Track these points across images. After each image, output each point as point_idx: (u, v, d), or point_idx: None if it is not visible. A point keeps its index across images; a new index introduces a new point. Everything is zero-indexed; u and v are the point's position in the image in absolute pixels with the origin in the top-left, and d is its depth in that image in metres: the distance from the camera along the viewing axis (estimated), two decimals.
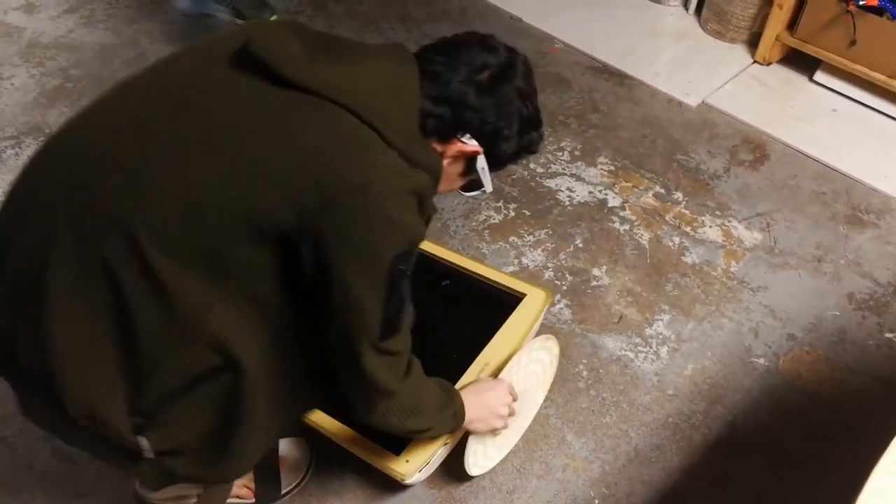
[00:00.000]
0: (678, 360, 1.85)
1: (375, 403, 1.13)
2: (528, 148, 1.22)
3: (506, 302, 1.69)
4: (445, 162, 1.15)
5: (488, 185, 1.24)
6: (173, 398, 1.04)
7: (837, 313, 1.97)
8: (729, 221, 2.17)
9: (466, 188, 1.26)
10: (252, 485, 1.54)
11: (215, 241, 0.98)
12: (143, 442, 1.06)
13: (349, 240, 0.99)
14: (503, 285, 1.72)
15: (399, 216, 1.02)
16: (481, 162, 1.18)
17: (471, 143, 1.14)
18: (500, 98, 1.13)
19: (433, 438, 1.42)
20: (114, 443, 1.05)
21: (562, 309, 1.92)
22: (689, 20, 2.89)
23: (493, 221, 2.12)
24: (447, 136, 1.13)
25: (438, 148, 1.14)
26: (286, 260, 1.01)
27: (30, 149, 2.21)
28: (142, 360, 1.01)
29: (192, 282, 0.99)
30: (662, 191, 2.24)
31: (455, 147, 1.14)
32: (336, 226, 0.98)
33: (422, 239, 1.08)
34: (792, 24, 2.59)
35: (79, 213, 0.99)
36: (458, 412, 1.33)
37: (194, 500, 1.31)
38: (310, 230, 0.98)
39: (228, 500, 1.48)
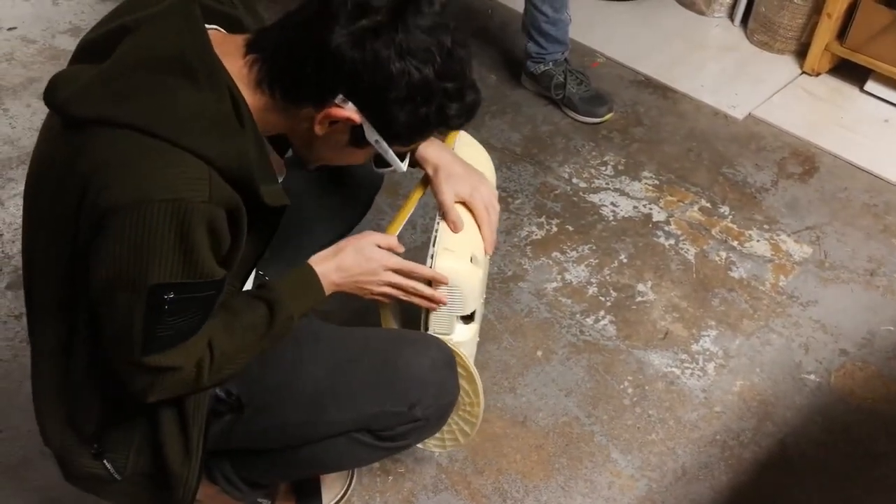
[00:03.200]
0: (726, 377, 1.81)
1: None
2: (444, 121, 1.02)
3: None
4: (319, 128, 1.01)
5: (397, 164, 1.07)
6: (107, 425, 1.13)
7: (892, 328, 1.92)
8: (777, 235, 2.13)
9: (378, 163, 1.09)
10: (293, 498, 1.55)
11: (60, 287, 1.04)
12: (109, 466, 1.15)
13: (107, 259, 0.93)
14: None
15: (163, 248, 0.91)
16: (371, 133, 1.01)
17: (347, 108, 0.98)
18: (369, 55, 0.93)
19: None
20: (85, 467, 1.16)
21: (606, 325, 1.91)
22: (735, 32, 2.85)
23: (535, 237, 2.11)
24: (319, 98, 0.98)
25: (313, 112, 0.99)
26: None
27: None
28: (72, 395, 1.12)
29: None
30: (708, 205, 2.21)
31: (327, 110, 0.98)
32: (99, 248, 0.93)
33: (211, 269, 0.97)
34: (841, 34, 2.54)
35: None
36: (294, 304, 1.13)
37: None
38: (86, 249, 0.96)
39: None
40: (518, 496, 1.60)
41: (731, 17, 2.88)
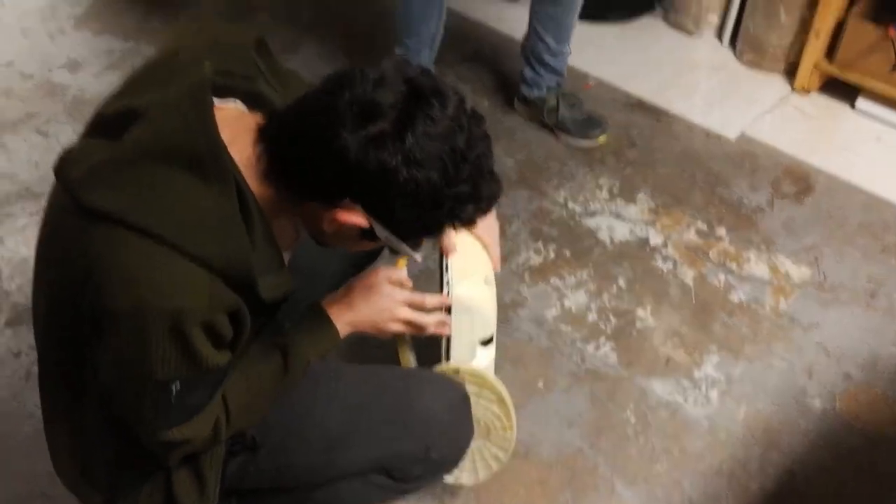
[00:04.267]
0: (729, 404, 1.79)
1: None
2: (457, 220, 0.99)
3: None
4: (327, 226, 0.99)
5: (412, 255, 1.06)
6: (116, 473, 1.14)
7: (894, 349, 1.90)
8: (775, 257, 2.12)
9: (394, 250, 1.06)
10: None
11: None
12: None
13: (111, 360, 0.96)
14: None
15: (163, 353, 0.92)
16: (382, 231, 0.99)
17: (355, 211, 0.95)
18: (373, 163, 0.90)
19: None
20: None
21: (607, 352, 1.88)
22: (724, 51, 2.85)
23: (532, 263, 2.09)
24: (326, 199, 0.96)
25: (321, 210, 0.98)
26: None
27: None
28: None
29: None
30: (705, 227, 2.20)
31: (334, 213, 0.96)
32: (102, 345, 0.95)
33: (216, 361, 0.97)
34: (830, 52, 2.55)
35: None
36: (305, 350, 1.14)
37: None
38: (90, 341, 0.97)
39: None
40: None
41: (720, 36, 2.89)
